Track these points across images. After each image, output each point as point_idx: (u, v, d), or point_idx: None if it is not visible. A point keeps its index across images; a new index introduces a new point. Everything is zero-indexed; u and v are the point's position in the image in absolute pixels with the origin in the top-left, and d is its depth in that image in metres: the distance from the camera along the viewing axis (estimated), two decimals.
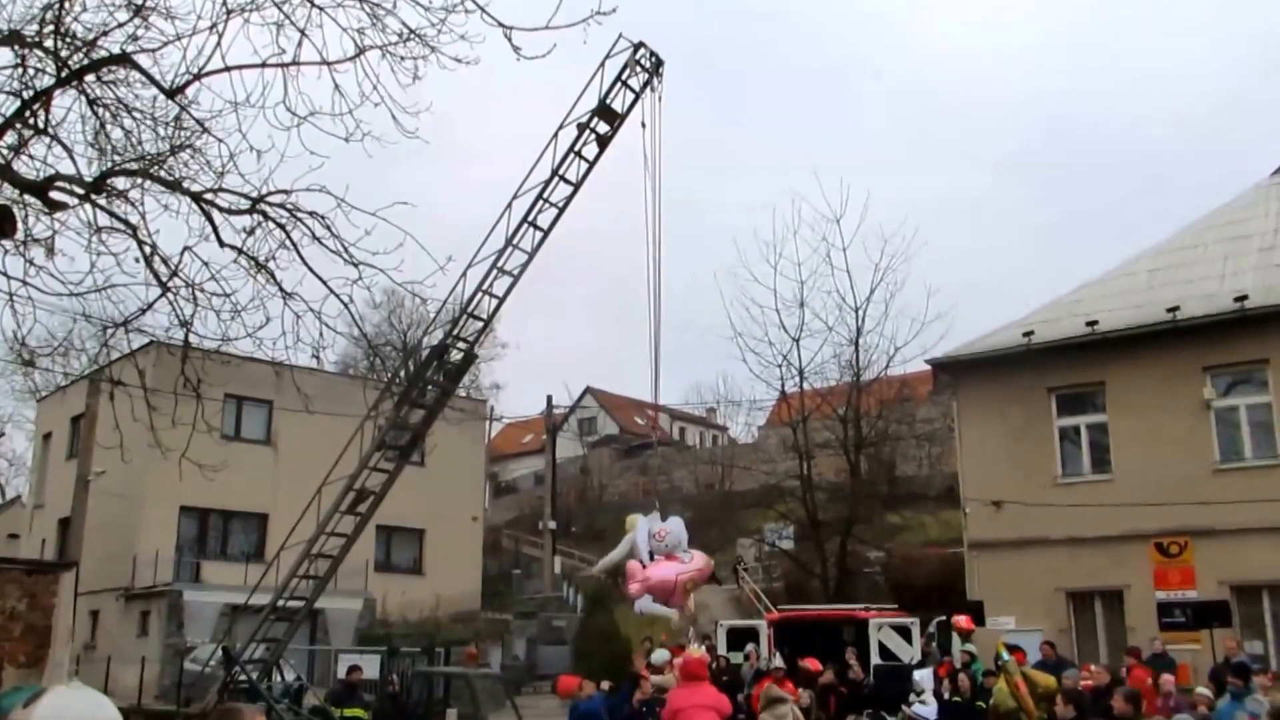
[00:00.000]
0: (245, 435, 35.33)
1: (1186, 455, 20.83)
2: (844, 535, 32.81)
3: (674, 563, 15.44)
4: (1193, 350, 21.25)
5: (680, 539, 15.73)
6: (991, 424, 23.44)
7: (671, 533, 15.74)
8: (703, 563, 15.78)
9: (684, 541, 15.78)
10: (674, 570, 15.32)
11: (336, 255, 9.94)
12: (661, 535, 15.75)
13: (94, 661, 30.99)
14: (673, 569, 15.35)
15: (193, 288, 9.98)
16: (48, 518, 38.46)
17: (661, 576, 15.36)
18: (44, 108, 9.43)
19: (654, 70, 18.69)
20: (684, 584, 15.30)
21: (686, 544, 15.81)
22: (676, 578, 15.26)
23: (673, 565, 15.41)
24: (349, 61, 9.20)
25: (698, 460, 56.90)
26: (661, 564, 15.55)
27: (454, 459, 36.79)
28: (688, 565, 15.41)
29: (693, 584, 15.60)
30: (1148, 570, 20.71)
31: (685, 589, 15.43)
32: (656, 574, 15.41)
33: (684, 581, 15.27)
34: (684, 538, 15.82)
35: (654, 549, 15.73)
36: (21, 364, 11.63)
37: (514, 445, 67.41)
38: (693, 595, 16.82)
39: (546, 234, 18.60)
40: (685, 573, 15.30)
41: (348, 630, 33.67)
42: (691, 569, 15.41)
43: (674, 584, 15.34)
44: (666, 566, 15.46)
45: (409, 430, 18.86)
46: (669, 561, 15.48)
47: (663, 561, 15.56)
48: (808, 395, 34.60)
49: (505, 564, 48.26)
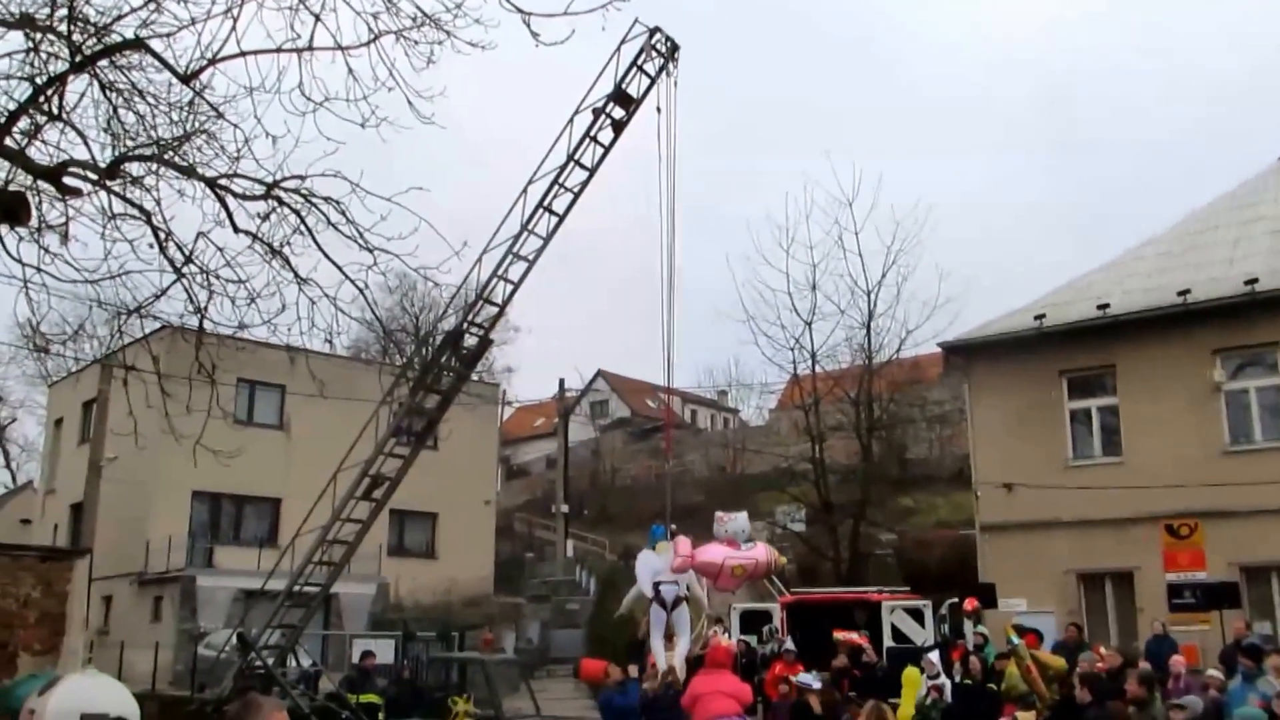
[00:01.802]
0: (258, 420, 35.36)
1: (1197, 437, 20.85)
2: (856, 518, 32.83)
3: (728, 548, 15.39)
4: (1203, 333, 21.24)
5: (742, 529, 15.74)
6: (1003, 407, 23.46)
7: (735, 520, 15.76)
8: (763, 555, 15.70)
9: (745, 531, 15.79)
10: (722, 554, 15.26)
11: (351, 241, 9.96)
12: (724, 521, 15.75)
13: (108, 647, 31.15)
14: (721, 552, 15.30)
15: (207, 274, 10.00)
16: (59, 503, 38.63)
17: (708, 558, 15.32)
18: (58, 93, 9.42)
19: (670, 55, 18.66)
20: (731, 568, 15.22)
21: (748, 534, 15.80)
22: (723, 561, 15.19)
23: (722, 549, 15.37)
24: (364, 47, 9.20)
25: (709, 443, 56.91)
26: (713, 546, 15.53)
27: (466, 443, 36.82)
28: (742, 553, 15.35)
29: (741, 570, 15.47)
30: (1158, 552, 20.73)
31: (733, 573, 15.35)
32: (704, 554, 15.40)
33: (731, 566, 15.19)
34: (746, 528, 15.85)
35: (715, 533, 15.78)
36: (34, 350, 11.68)
37: (526, 429, 67.49)
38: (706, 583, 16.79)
39: (562, 219, 18.58)
40: (734, 557, 15.23)
41: (361, 615, 33.80)
42: (742, 556, 15.33)
43: (719, 567, 15.28)
44: (715, 549, 15.41)
45: (424, 415, 18.88)
46: (723, 546, 15.45)
47: (716, 545, 15.52)
48: (819, 378, 34.61)
49: (518, 548, 48.35)
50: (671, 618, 15.45)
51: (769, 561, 15.91)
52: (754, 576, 16.82)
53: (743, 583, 16.91)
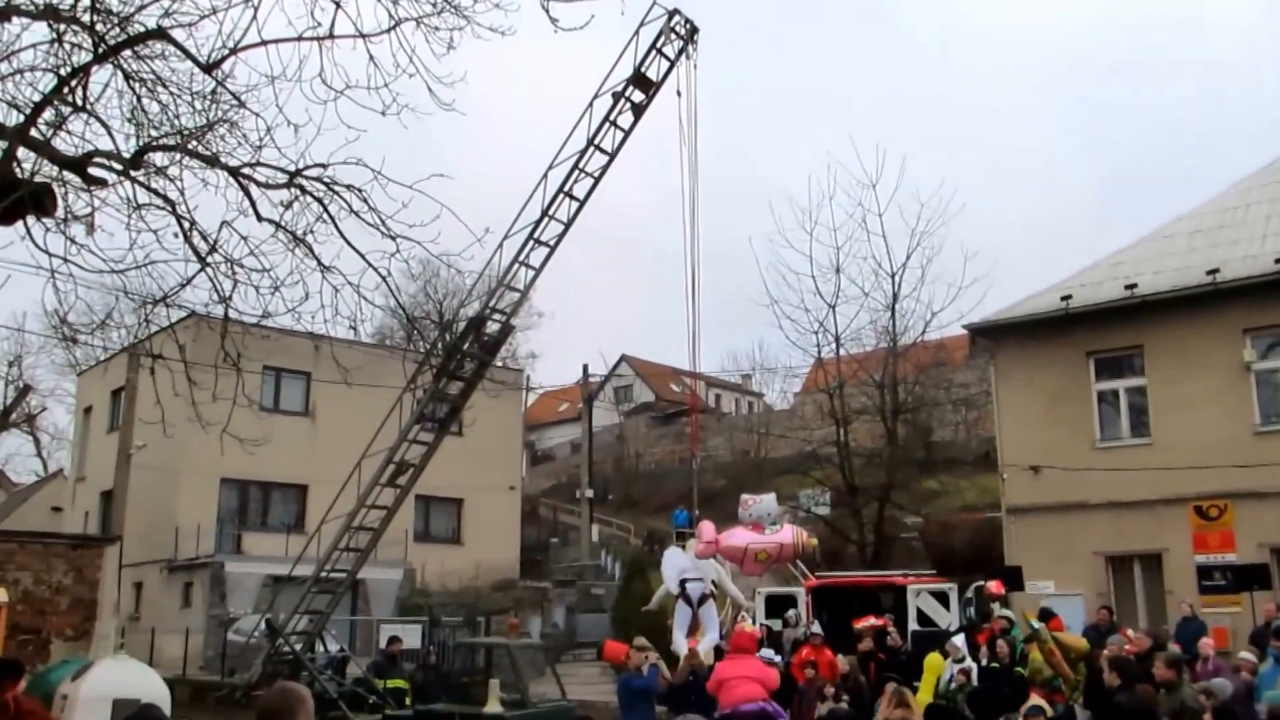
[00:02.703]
0: (284, 407, 35.57)
1: (1226, 418, 20.65)
2: (881, 501, 32.75)
3: (753, 533, 15.14)
4: (1233, 312, 21.01)
5: (768, 511, 15.41)
6: (1029, 388, 23.32)
7: (761, 503, 15.47)
8: (789, 537, 15.32)
9: (772, 514, 15.46)
10: (746, 539, 15.05)
11: (374, 228, 9.97)
12: (749, 504, 15.48)
13: (139, 632, 31.49)
14: (745, 537, 15.06)
15: (231, 263, 10.02)
16: (90, 491, 39.00)
17: (732, 543, 15.13)
18: (81, 84, 9.46)
19: (689, 37, 18.60)
20: (754, 553, 15.00)
21: (775, 517, 15.48)
22: (747, 546, 15.02)
23: (747, 534, 15.11)
24: (384, 34, 9.20)
25: (733, 427, 56.86)
26: (737, 531, 15.31)
27: (491, 429, 36.93)
28: (766, 538, 15.08)
29: (765, 555, 15.17)
30: (1187, 534, 20.60)
31: (756, 558, 15.14)
32: (728, 539, 15.18)
33: (755, 550, 14.97)
34: (773, 510, 15.51)
35: (740, 517, 15.50)
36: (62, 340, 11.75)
37: (550, 414, 67.56)
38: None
39: (582, 204, 18.60)
40: (757, 542, 15.03)
41: (388, 600, 34.01)
42: (766, 541, 15.02)
43: (742, 552, 15.12)
44: (740, 534, 15.20)
45: (448, 402, 18.95)
46: (747, 530, 15.23)
47: (740, 529, 15.34)
48: (844, 361, 34.50)
49: (543, 533, 48.46)
50: (699, 614, 15.29)
51: (795, 544, 15.50)
52: (780, 561, 16.63)
53: (769, 567, 16.72)
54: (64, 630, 21.77)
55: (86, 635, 22.09)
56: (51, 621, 21.66)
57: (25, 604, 20.89)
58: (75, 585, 22.15)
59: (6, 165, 9.06)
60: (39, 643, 20.94)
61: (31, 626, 20.92)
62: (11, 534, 25.39)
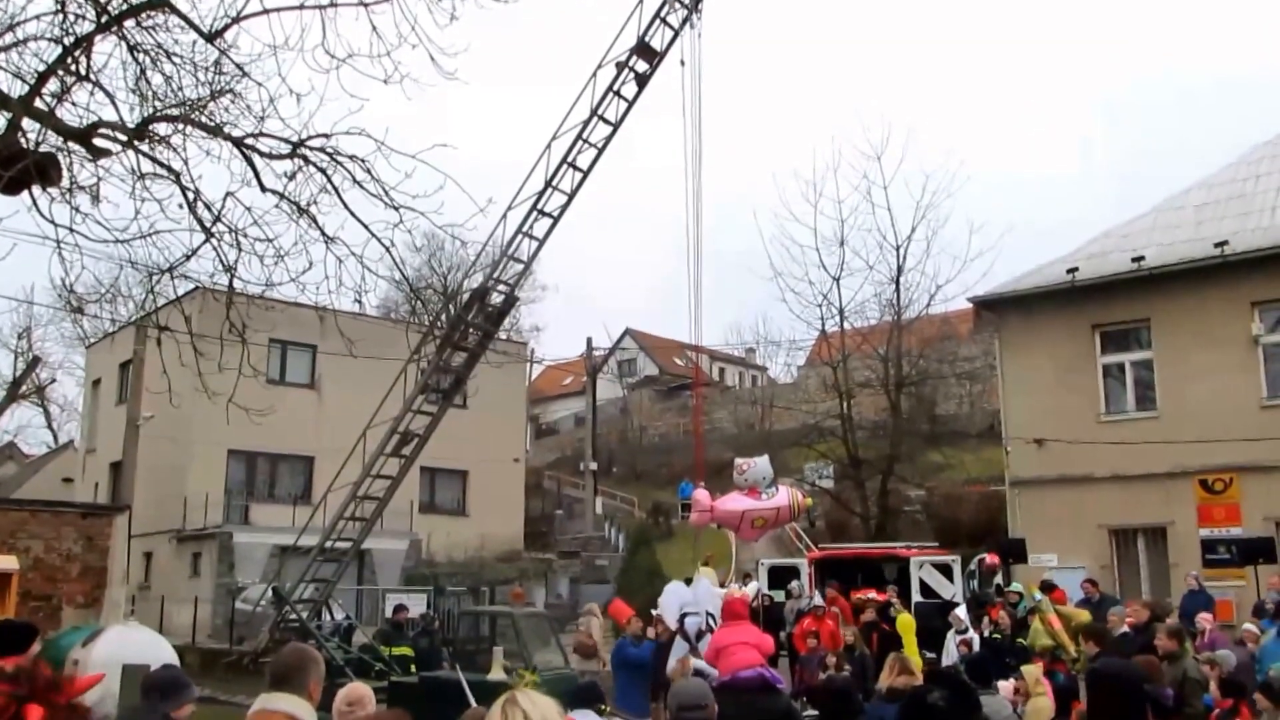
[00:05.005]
0: (290, 379, 35.76)
1: (1233, 391, 20.62)
2: (885, 474, 32.83)
3: (748, 498, 14.92)
4: (1241, 285, 20.94)
5: (763, 474, 15.06)
6: (1034, 361, 23.30)
7: (755, 467, 15.11)
8: (784, 500, 15.04)
9: (767, 478, 15.11)
10: (742, 505, 14.84)
11: (377, 199, 9.97)
12: (743, 469, 15.13)
13: (149, 601, 31.81)
14: (741, 503, 14.86)
15: (236, 233, 10.02)
16: (99, 462, 39.21)
17: (728, 510, 14.94)
18: (85, 54, 9.44)
19: (693, 6, 18.48)
20: (751, 519, 14.88)
21: (770, 480, 15.14)
22: (743, 512, 14.83)
23: (743, 500, 14.91)
24: (386, 2, 9.18)
25: (737, 400, 56.96)
26: (733, 497, 15.09)
27: (495, 401, 37.05)
28: (762, 503, 14.86)
29: (762, 521, 15.01)
30: (1192, 507, 20.63)
31: (753, 524, 15.01)
32: (724, 506, 15.00)
33: (752, 517, 14.84)
34: (768, 474, 15.15)
35: (736, 482, 15.17)
36: (70, 311, 11.79)
37: (555, 387, 67.70)
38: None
39: (586, 175, 18.54)
40: (754, 509, 14.92)
41: (394, 570, 34.24)
42: (763, 506, 14.81)
43: (739, 518, 14.93)
44: (736, 499, 14.99)
45: (451, 373, 19.00)
46: (743, 496, 14.98)
47: (736, 495, 15.10)
48: (848, 334, 34.53)
49: (548, 505, 48.70)
50: (697, 648, 14.94)
51: (791, 505, 15.30)
52: (778, 524, 16.53)
53: (766, 532, 16.62)
54: (75, 597, 22.00)
55: (97, 602, 22.31)
56: (63, 589, 21.89)
57: (37, 571, 21.12)
58: (86, 553, 22.38)
59: (11, 135, 9.07)
60: (50, 609, 21.16)
61: (42, 593, 21.16)
62: (23, 502, 25.62)
